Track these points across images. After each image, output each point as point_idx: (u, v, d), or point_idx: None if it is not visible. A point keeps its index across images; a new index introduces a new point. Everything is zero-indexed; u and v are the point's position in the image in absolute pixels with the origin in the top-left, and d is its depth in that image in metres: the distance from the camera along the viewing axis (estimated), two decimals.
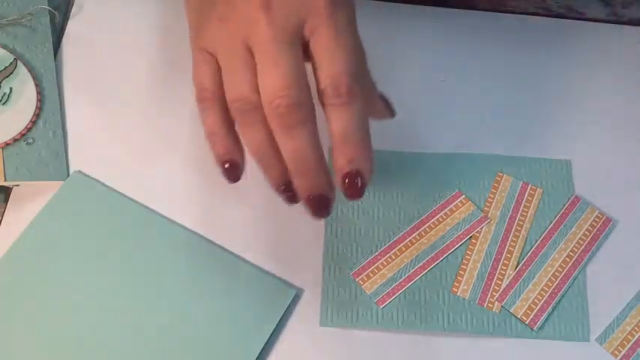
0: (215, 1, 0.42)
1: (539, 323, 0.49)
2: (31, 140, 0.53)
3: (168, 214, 0.52)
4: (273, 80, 0.39)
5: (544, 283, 0.51)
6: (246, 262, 0.51)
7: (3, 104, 0.53)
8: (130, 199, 0.52)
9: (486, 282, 0.51)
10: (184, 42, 0.59)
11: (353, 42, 0.41)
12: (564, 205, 0.53)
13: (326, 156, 0.41)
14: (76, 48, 0.58)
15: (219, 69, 0.42)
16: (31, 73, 0.55)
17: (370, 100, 0.44)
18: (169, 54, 0.58)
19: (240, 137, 0.42)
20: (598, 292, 0.51)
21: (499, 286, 0.51)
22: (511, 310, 0.50)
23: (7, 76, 0.54)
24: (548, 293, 0.50)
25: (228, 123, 0.42)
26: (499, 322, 0.49)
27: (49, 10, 0.57)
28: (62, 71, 0.57)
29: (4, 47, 0.55)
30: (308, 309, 0.50)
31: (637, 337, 0.49)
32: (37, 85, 0.55)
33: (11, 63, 0.54)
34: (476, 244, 0.52)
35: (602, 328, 0.50)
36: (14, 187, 0.53)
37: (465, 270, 0.51)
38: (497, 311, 0.50)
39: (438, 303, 0.50)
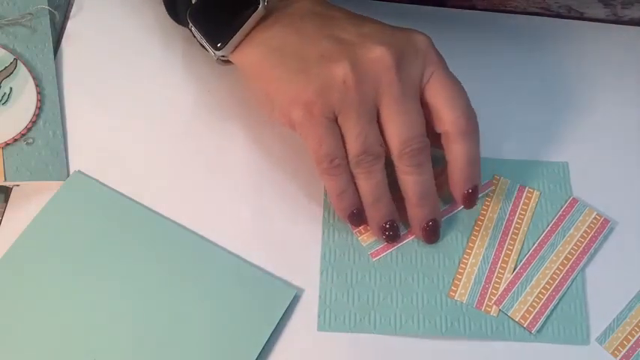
0: (333, 66, 0.46)
1: (537, 326, 0.49)
2: (31, 140, 0.53)
3: (168, 214, 0.52)
4: (406, 131, 0.47)
5: (542, 285, 0.51)
6: (246, 262, 0.51)
7: (3, 104, 0.53)
8: (130, 199, 0.52)
9: (484, 285, 0.51)
10: (184, 41, 0.60)
11: (460, 83, 0.49)
12: (562, 207, 0.53)
13: None
14: (76, 48, 0.58)
15: (340, 133, 0.47)
16: (31, 73, 0.55)
17: None
18: (169, 54, 0.58)
19: (359, 184, 0.49)
20: (598, 293, 0.51)
21: (497, 289, 0.51)
22: (509, 314, 0.50)
23: (7, 76, 0.54)
24: (546, 296, 0.50)
25: (352, 182, 0.49)
26: (497, 325, 0.49)
27: (49, 10, 0.57)
28: (62, 71, 0.57)
29: (4, 47, 0.55)
30: (307, 311, 0.50)
31: (637, 337, 0.49)
32: (37, 85, 0.55)
33: (11, 63, 0.54)
34: (473, 247, 0.52)
35: (602, 328, 0.50)
36: (14, 187, 0.53)
37: (462, 274, 0.51)
38: (495, 315, 0.50)
39: (436, 307, 0.50)
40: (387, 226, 0.50)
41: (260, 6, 0.48)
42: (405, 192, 0.49)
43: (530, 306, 0.50)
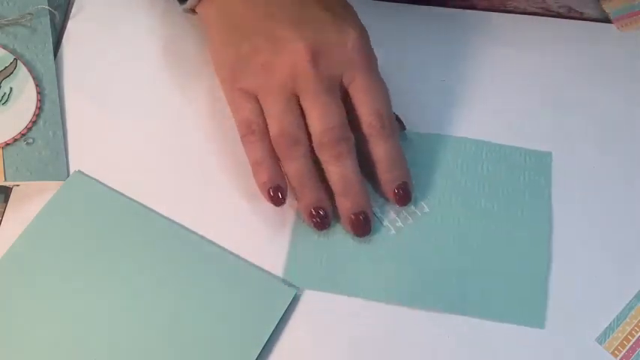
0: (257, 48, 0.48)
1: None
2: (31, 140, 0.53)
3: (168, 214, 0.52)
4: (324, 122, 0.48)
5: None
6: (246, 262, 0.51)
7: (3, 104, 0.53)
8: (130, 199, 0.52)
9: None
10: (184, 42, 0.60)
11: (384, 86, 0.50)
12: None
13: None
14: (76, 48, 0.58)
15: (261, 107, 0.49)
16: (31, 73, 0.55)
17: None
18: (169, 53, 0.58)
19: (283, 168, 0.49)
20: (597, 293, 0.51)
21: None
22: None
23: (7, 76, 0.54)
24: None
25: (273, 154, 0.49)
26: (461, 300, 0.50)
27: (49, 10, 0.57)
28: (62, 71, 0.57)
29: (4, 47, 0.55)
30: (307, 311, 0.50)
31: (637, 337, 0.49)
32: (37, 85, 0.55)
33: (11, 63, 0.54)
34: None
35: (602, 328, 0.50)
36: (14, 187, 0.53)
37: None
38: None
39: (404, 275, 0.50)
40: (314, 212, 0.50)
41: None
42: (329, 183, 0.50)
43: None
